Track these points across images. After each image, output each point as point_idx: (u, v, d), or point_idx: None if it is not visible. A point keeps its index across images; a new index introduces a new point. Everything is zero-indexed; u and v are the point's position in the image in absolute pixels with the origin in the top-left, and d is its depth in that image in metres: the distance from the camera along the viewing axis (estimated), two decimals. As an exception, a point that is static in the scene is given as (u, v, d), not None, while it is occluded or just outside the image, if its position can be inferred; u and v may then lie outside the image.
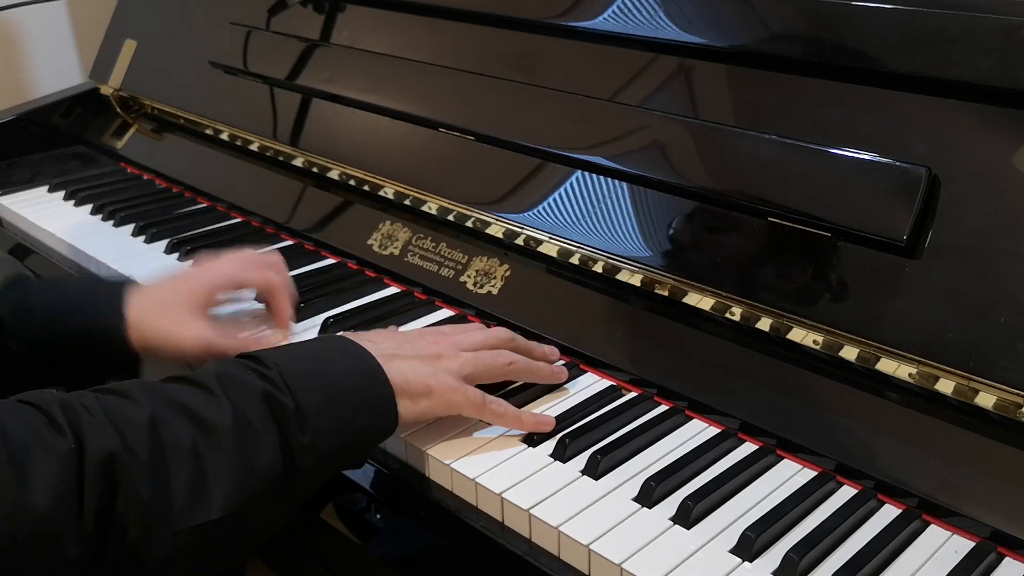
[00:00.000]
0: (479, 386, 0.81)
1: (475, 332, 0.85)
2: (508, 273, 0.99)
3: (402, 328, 0.97)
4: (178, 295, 0.90)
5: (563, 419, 0.81)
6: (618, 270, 0.90)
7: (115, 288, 0.91)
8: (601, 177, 0.94)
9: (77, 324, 0.89)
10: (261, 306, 0.99)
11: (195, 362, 0.89)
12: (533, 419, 0.80)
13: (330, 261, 1.14)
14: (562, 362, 0.89)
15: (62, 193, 1.37)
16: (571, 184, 0.96)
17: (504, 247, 1.01)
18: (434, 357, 0.79)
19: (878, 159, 0.77)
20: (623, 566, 0.66)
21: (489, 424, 0.81)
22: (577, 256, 0.93)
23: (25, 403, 0.63)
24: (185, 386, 0.68)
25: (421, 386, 0.76)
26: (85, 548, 0.60)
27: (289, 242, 1.19)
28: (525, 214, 0.98)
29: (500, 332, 0.86)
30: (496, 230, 1.00)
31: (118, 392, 0.66)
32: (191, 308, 0.90)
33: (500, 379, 0.84)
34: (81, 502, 0.60)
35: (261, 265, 0.97)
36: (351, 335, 0.80)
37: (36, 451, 0.59)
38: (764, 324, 0.81)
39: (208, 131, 1.36)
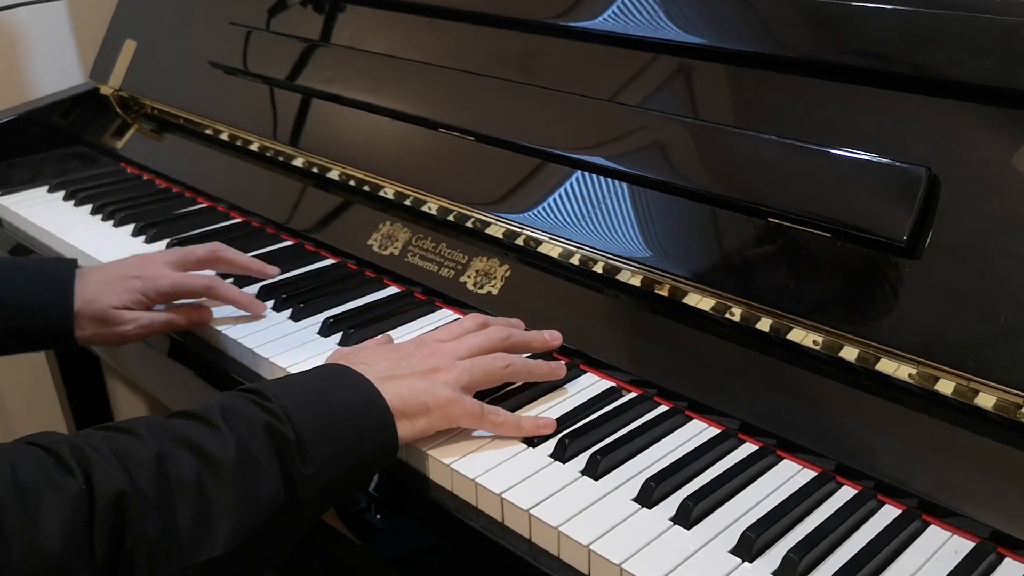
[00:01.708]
0: (479, 394, 0.81)
1: (470, 337, 0.84)
2: (508, 273, 0.99)
3: (401, 329, 0.97)
4: (111, 299, 0.96)
5: (563, 419, 0.81)
6: (618, 270, 0.90)
7: (62, 279, 0.96)
8: (601, 177, 0.94)
9: (25, 319, 0.94)
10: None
11: (136, 341, 0.99)
12: (532, 424, 0.80)
13: (330, 261, 1.14)
14: (563, 362, 0.88)
15: (62, 193, 1.38)
16: (571, 184, 0.96)
17: (504, 247, 1.01)
18: (430, 371, 0.79)
19: (878, 159, 0.77)
20: (623, 566, 0.66)
21: (489, 425, 0.81)
22: (577, 256, 0.93)
23: (33, 445, 0.64)
24: (190, 421, 0.69)
25: (418, 404, 0.77)
26: None
27: (289, 242, 1.19)
28: (525, 214, 0.98)
29: (495, 332, 0.86)
30: (496, 230, 1.00)
31: (124, 430, 0.67)
32: (124, 308, 0.96)
33: (498, 383, 0.84)
34: (92, 542, 0.61)
35: (201, 268, 1.03)
36: (346, 358, 0.81)
37: (47, 493, 0.60)
38: (764, 324, 0.81)
39: (208, 131, 1.36)
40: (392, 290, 1.06)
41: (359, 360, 0.80)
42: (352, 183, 1.16)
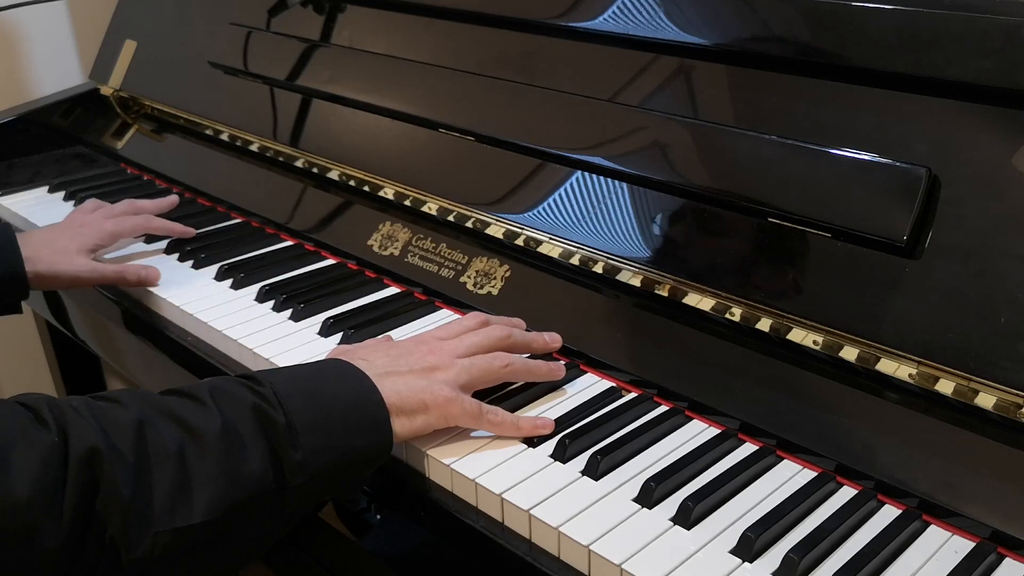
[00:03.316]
0: (479, 394, 0.81)
1: (470, 336, 0.84)
2: (508, 273, 0.99)
3: (401, 329, 0.97)
4: (65, 242, 1.09)
5: (563, 420, 0.81)
6: (618, 271, 0.90)
7: (4, 233, 1.06)
8: (601, 177, 0.94)
9: None
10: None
11: (88, 287, 1.12)
12: (531, 424, 0.80)
13: (330, 261, 1.14)
14: (563, 362, 0.88)
15: (62, 193, 1.38)
16: (571, 184, 0.96)
17: (504, 247, 1.01)
18: (429, 370, 0.79)
19: (878, 159, 0.77)
20: (623, 567, 0.66)
21: (489, 425, 0.81)
22: (577, 257, 0.93)
23: (14, 402, 0.64)
24: (176, 397, 0.70)
25: (416, 402, 0.76)
26: (63, 542, 0.60)
27: (289, 242, 1.19)
28: (525, 215, 0.98)
29: (495, 331, 0.86)
30: (496, 231, 1.00)
31: (108, 398, 0.68)
32: (79, 251, 1.09)
33: (497, 382, 0.83)
34: (62, 495, 0.60)
35: (129, 215, 1.17)
36: (346, 354, 0.81)
37: (19, 444, 0.60)
38: (764, 324, 0.81)
39: (208, 131, 1.36)
40: (392, 290, 1.06)
41: (358, 356, 0.80)
42: (352, 183, 1.16)
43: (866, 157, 0.78)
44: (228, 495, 0.66)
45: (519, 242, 0.98)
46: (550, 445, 0.78)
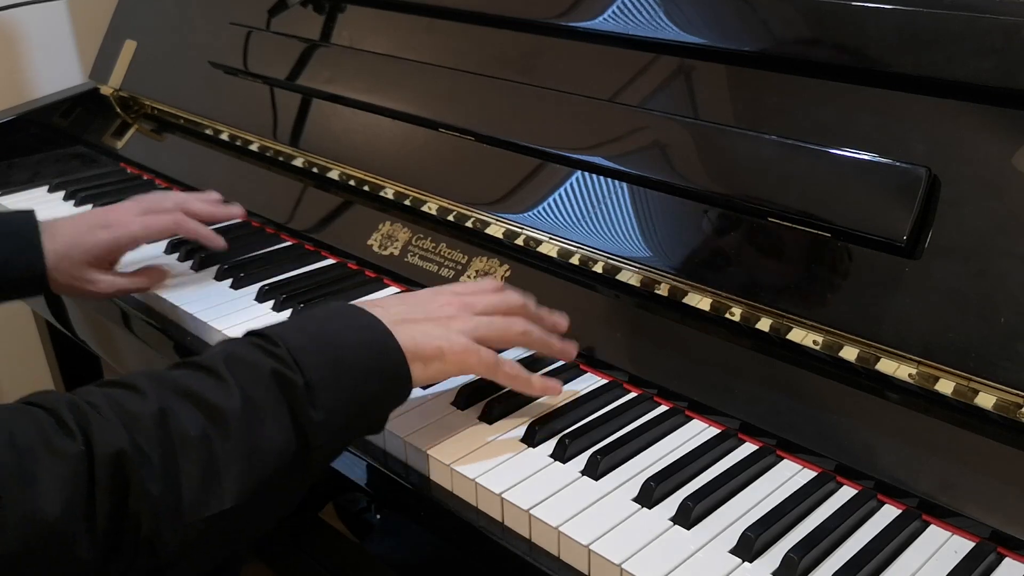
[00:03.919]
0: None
1: (489, 295, 0.83)
2: (508, 273, 0.99)
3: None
4: (82, 256, 1.01)
5: (563, 419, 0.81)
6: (618, 270, 0.90)
7: (29, 234, 0.99)
8: (601, 177, 0.94)
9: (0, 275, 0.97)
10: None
11: (106, 299, 1.06)
12: (542, 383, 0.81)
13: (330, 261, 1.14)
14: (575, 344, 0.88)
15: (62, 193, 1.38)
16: (571, 184, 0.96)
17: (504, 247, 1.01)
18: (446, 319, 0.78)
19: (878, 159, 0.77)
20: (623, 566, 0.66)
21: (489, 424, 0.81)
22: (577, 256, 0.93)
23: (32, 405, 0.62)
24: (192, 372, 0.67)
25: (432, 348, 0.75)
26: (99, 549, 0.59)
27: (289, 242, 1.19)
28: (525, 214, 0.98)
29: (513, 297, 0.84)
30: (496, 230, 1.00)
31: (125, 385, 0.65)
32: (96, 264, 1.02)
33: (511, 346, 0.83)
34: (93, 504, 0.59)
35: (158, 213, 1.06)
36: (360, 303, 0.79)
37: (45, 455, 0.58)
38: (764, 324, 0.81)
39: (208, 131, 1.36)
40: (392, 290, 1.06)
41: (374, 304, 0.78)
42: (352, 183, 1.16)
43: (866, 157, 0.78)
44: (255, 472, 0.64)
45: (519, 242, 0.98)
46: (550, 445, 0.78)
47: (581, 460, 0.77)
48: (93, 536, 0.59)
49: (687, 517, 0.70)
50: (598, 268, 0.92)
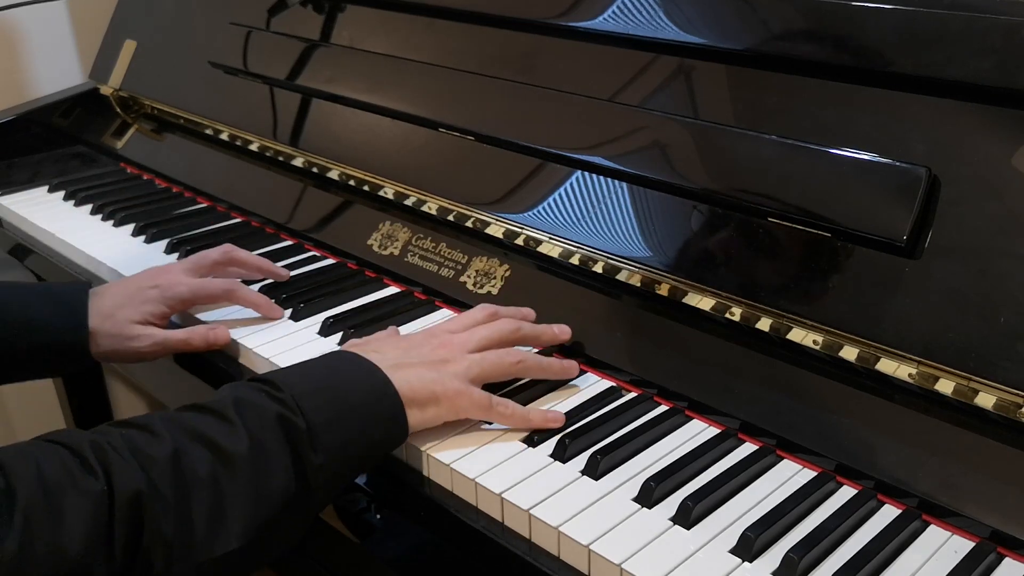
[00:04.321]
0: (488, 386, 0.81)
1: (480, 329, 0.85)
2: (508, 273, 0.99)
3: (401, 329, 0.97)
4: (129, 313, 0.95)
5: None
6: (618, 270, 0.90)
7: (76, 299, 0.95)
8: (601, 177, 0.94)
9: (41, 338, 0.92)
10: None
11: (152, 360, 0.98)
12: (541, 417, 0.80)
13: (330, 261, 1.14)
14: (576, 361, 0.88)
15: (62, 193, 1.38)
16: (571, 184, 0.96)
17: (504, 247, 1.01)
18: (439, 362, 0.80)
19: (878, 159, 0.77)
20: (623, 566, 0.66)
21: (489, 424, 0.81)
22: (577, 256, 0.93)
23: (56, 443, 0.65)
24: (203, 415, 0.70)
25: (427, 393, 0.77)
26: None
27: (289, 242, 1.19)
28: (525, 214, 0.98)
29: (505, 325, 0.86)
30: (496, 230, 1.00)
31: (140, 426, 0.68)
32: (142, 323, 0.95)
33: (508, 378, 0.84)
34: (112, 541, 0.62)
35: (217, 270, 1.02)
36: (357, 347, 0.82)
37: (71, 495, 0.61)
38: (764, 324, 0.81)
39: (208, 131, 1.36)
40: (392, 290, 1.06)
41: (370, 349, 0.80)
42: (352, 183, 1.16)
43: (866, 157, 0.78)
44: (260, 514, 0.68)
45: (519, 242, 0.98)
46: (550, 445, 0.78)
47: (581, 460, 0.77)
48: (110, 572, 0.61)
49: (687, 517, 0.70)
50: (598, 268, 0.92)
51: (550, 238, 0.95)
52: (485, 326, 0.86)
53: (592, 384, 0.87)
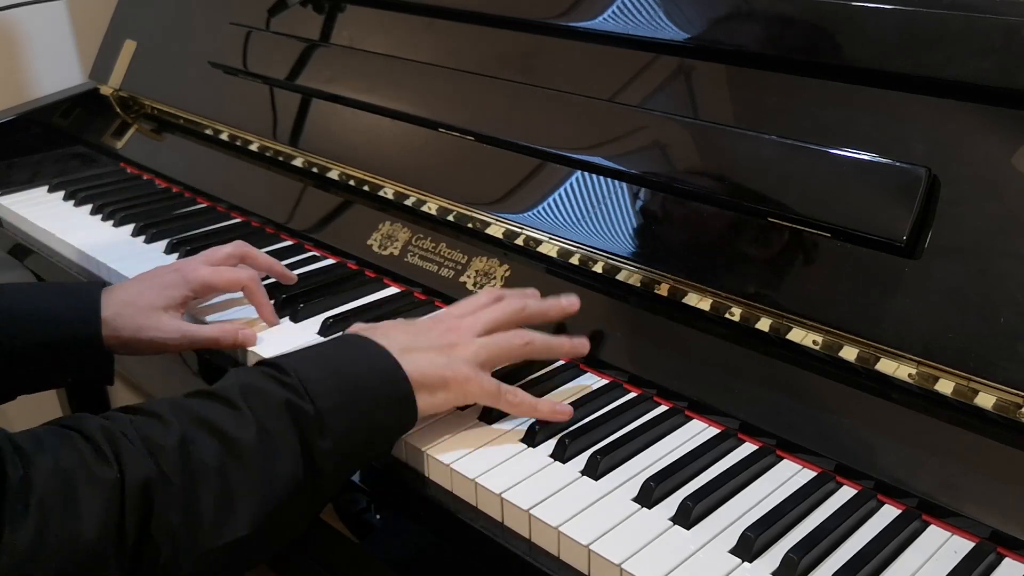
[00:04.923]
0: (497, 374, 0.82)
1: (487, 311, 0.84)
2: (508, 273, 0.99)
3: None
4: (151, 297, 0.94)
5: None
6: (618, 270, 0.90)
7: (89, 293, 0.93)
8: (601, 177, 0.94)
9: (53, 331, 0.90)
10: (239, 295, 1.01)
11: (174, 352, 0.96)
12: (550, 408, 0.80)
13: (330, 261, 1.14)
14: (585, 338, 0.87)
15: (62, 193, 1.38)
16: (571, 184, 0.96)
17: (504, 247, 1.01)
18: (448, 347, 0.79)
19: (878, 159, 0.77)
20: (623, 566, 0.66)
21: (489, 424, 0.81)
22: (577, 256, 0.93)
23: (70, 429, 0.65)
24: (211, 402, 0.70)
25: (437, 378, 0.77)
26: (123, 571, 0.62)
27: (289, 242, 1.19)
28: (525, 214, 0.98)
29: (510, 304, 0.85)
30: (496, 230, 1.00)
31: (149, 413, 0.68)
32: (164, 308, 0.94)
33: (518, 360, 0.84)
34: (123, 529, 0.62)
35: (230, 263, 1.00)
36: (364, 330, 0.81)
37: (85, 483, 0.62)
38: (764, 324, 0.81)
39: (208, 131, 1.36)
40: (392, 290, 1.06)
41: (378, 333, 0.80)
42: (352, 183, 1.16)
43: (866, 157, 0.78)
44: (268, 501, 0.67)
45: (519, 242, 0.98)
46: (550, 445, 0.78)
47: (581, 460, 0.77)
48: (122, 560, 0.62)
49: (687, 517, 0.70)
50: (598, 268, 0.92)
51: (550, 238, 0.95)
52: (491, 307, 0.85)
53: (592, 384, 0.87)
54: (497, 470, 0.76)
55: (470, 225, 1.03)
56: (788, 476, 0.75)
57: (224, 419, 0.68)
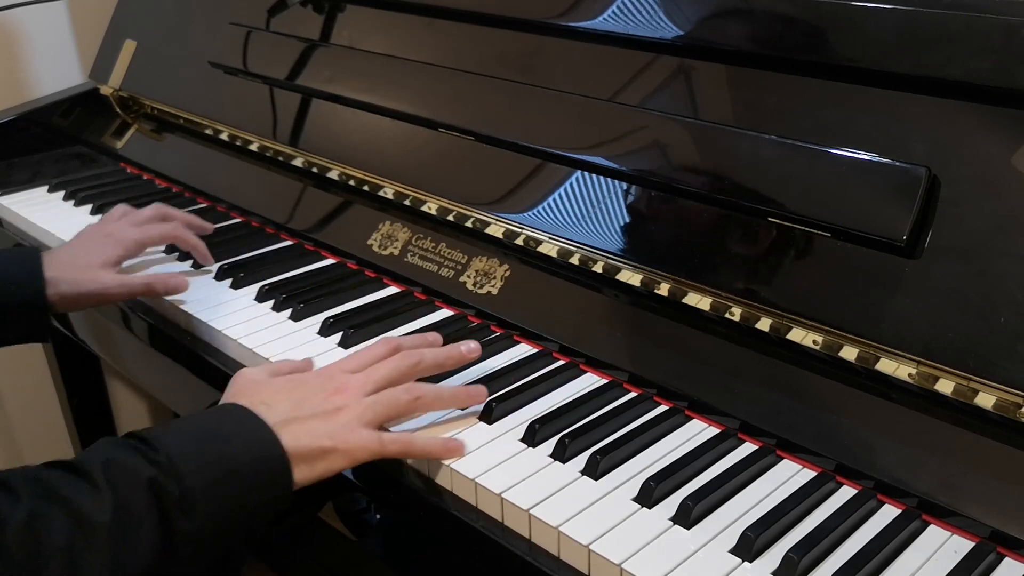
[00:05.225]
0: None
1: (379, 368, 0.81)
2: (508, 273, 0.99)
3: (401, 329, 0.97)
4: (89, 257, 1.03)
5: (563, 419, 0.81)
6: (618, 270, 0.90)
7: (30, 257, 1.00)
8: (601, 177, 0.94)
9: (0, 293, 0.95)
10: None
11: (114, 303, 1.08)
12: (443, 446, 0.78)
13: (330, 261, 1.14)
14: (483, 388, 0.84)
15: (62, 193, 1.38)
16: (571, 184, 0.96)
17: (504, 247, 1.01)
18: (334, 411, 0.77)
19: (878, 159, 0.77)
20: (623, 566, 0.66)
21: (489, 424, 0.81)
22: (577, 256, 0.93)
23: None
24: (68, 475, 0.67)
25: (317, 450, 0.74)
26: None
27: (289, 242, 1.19)
28: (525, 214, 0.98)
29: (404, 360, 0.82)
30: (496, 230, 1.00)
31: (0, 483, 0.65)
32: (101, 265, 1.03)
33: (408, 415, 0.81)
34: None
35: (156, 221, 1.12)
36: (248, 395, 0.78)
37: None
38: (764, 324, 0.81)
39: (208, 131, 1.36)
40: (392, 290, 1.06)
41: (261, 400, 0.77)
42: (352, 183, 1.16)
43: (866, 157, 0.78)
44: None
45: (519, 242, 0.98)
46: (550, 445, 0.78)
47: (581, 460, 0.77)
48: None
49: (687, 517, 0.70)
50: (598, 268, 0.92)
51: (550, 238, 0.95)
52: (383, 363, 0.81)
53: (592, 384, 0.87)
54: (497, 470, 0.76)
55: (470, 225, 1.03)
56: (788, 476, 0.75)
57: (80, 496, 0.65)
